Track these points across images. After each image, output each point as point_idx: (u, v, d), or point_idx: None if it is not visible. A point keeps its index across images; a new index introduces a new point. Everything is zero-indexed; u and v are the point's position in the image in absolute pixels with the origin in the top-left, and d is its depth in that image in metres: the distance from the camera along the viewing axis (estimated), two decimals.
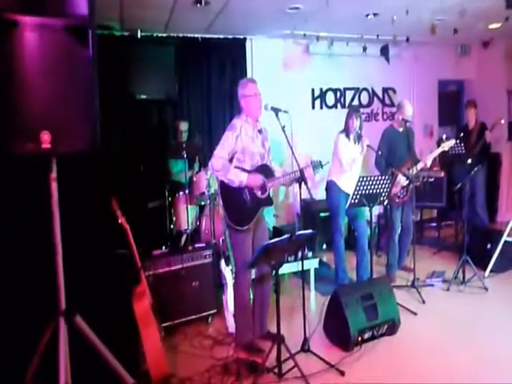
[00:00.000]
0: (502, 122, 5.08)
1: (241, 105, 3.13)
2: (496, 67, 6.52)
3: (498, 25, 5.33)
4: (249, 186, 3.02)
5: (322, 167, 3.20)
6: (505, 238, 4.40)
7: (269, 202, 3.18)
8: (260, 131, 3.17)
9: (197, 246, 3.79)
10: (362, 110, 5.03)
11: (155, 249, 3.64)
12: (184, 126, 4.82)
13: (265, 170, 3.12)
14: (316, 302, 4.09)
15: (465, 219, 4.38)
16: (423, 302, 3.91)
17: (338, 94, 6.19)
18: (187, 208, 4.39)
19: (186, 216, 4.37)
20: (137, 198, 4.43)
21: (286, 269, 4.06)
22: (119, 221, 2.90)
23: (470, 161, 4.62)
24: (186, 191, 4.44)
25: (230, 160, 3.02)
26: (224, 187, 3.01)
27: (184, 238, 4.52)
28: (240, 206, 3.03)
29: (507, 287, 4.22)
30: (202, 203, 4.61)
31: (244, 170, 3.02)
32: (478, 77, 6.83)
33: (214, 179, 3.76)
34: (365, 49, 5.71)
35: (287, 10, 4.41)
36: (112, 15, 4.27)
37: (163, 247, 3.74)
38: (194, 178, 4.48)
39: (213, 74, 5.31)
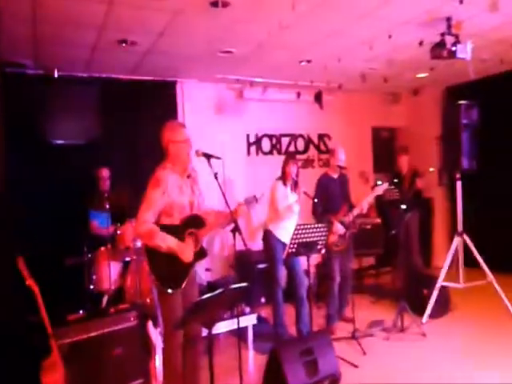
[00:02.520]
0: (431, 170, 5.51)
1: (167, 150, 3.05)
2: (425, 115, 7.25)
3: (425, 74, 5.92)
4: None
5: (256, 201, 3.17)
6: (440, 282, 4.71)
7: (203, 255, 3.11)
8: (188, 176, 3.13)
9: (120, 307, 3.63)
10: (297, 156, 5.25)
11: (71, 313, 3.43)
12: (107, 174, 4.74)
13: (194, 221, 3.06)
14: (254, 362, 4.08)
15: (400, 265, 4.59)
16: (364, 353, 4.05)
17: (274, 140, 6.45)
18: (109, 264, 4.25)
19: (109, 273, 4.23)
20: (51, 255, 4.23)
21: (220, 327, 4.01)
22: (27, 282, 2.71)
23: (403, 206, 4.92)
24: (109, 246, 4.32)
25: (157, 218, 2.92)
26: (150, 249, 2.91)
27: (105, 298, 4.34)
28: (170, 266, 2.90)
29: (445, 332, 4.50)
30: (127, 259, 4.45)
31: (173, 227, 2.93)
32: (409, 124, 7.50)
33: None
34: (299, 95, 6.04)
35: (219, 54, 4.63)
36: (24, 52, 4.22)
37: (80, 311, 3.53)
38: (118, 231, 4.37)
39: (140, 118, 5.36)
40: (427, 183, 6.05)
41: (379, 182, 4.69)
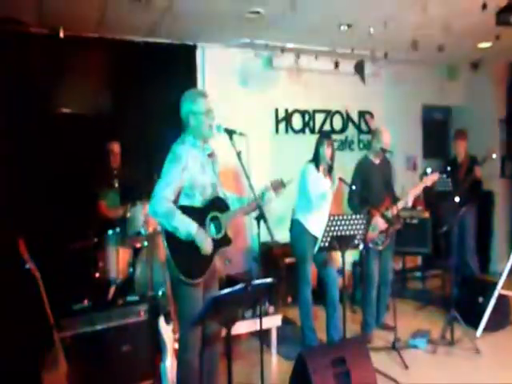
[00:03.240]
0: (494, 156, 5.37)
1: (187, 123, 3.08)
2: (487, 92, 7.07)
3: (488, 44, 5.76)
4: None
5: (284, 186, 3.19)
6: (499, 290, 4.62)
7: (226, 241, 3.16)
8: (210, 155, 3.18)
9: (129, 299, 3.71)
10: (334, 136, 5.21)
11: (75, 302, 3.52)
12: (117, 148, 4.82)
13: (217, 204, 3.12)
14: (278, 369, 4.12)
15: (452, 268, 4.53)
16: (406, 367, 4.02)
17: (307, 116, 6.43)
18: (118, 251, 4.34)
19: (116, 261, 4.31)
20: (53, 238, 4.33)
21: (241, 328, 4.05)
22: (27, 265, 2.79)
23: (458, 199, 4.84)
24: (118, 230, 4.39)
25: (176, 198, 2.96)
26: (170, 232, 2.95)
27: (113, 289, 4.43)
28: (191, 253, 2.94)
29: (502, 349, 4.43)
30: (138, 245, 4.54)
31: (193, 209, 2.98)
32: (467, 103, 7.31)
33: None
34: (337, 64, 5.96)
35: (246, 15, 4.61)
36: (26, 7, 4.24)
37: (85, 300, 3.63)
38: (128, 214, 4.44)
39: (155, 87, 5.38)
40: (487, 173, 5.93)
41: (429, 170, 4.62)
